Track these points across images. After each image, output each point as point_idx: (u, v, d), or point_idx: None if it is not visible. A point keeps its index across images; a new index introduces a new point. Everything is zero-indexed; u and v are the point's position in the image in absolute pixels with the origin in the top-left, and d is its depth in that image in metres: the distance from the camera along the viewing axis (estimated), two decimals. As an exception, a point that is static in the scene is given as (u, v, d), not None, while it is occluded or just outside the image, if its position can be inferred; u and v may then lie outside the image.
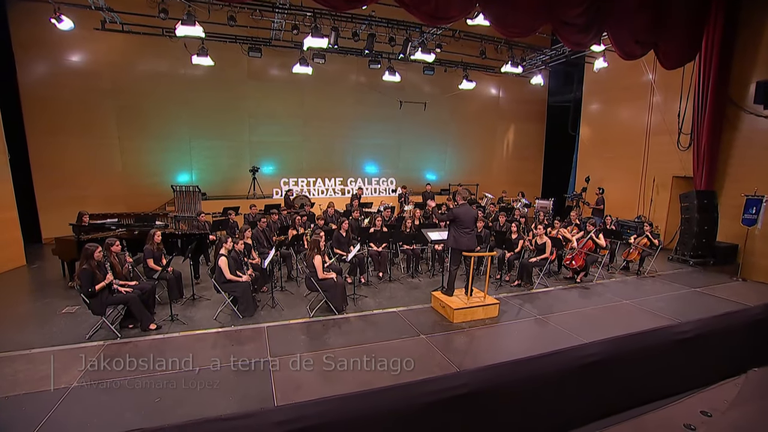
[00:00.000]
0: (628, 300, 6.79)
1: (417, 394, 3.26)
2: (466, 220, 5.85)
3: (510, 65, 11.11)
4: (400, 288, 7.20)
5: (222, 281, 5.53)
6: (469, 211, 5.96)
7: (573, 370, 4.00)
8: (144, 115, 11.82)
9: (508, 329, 5.60)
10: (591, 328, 5.65)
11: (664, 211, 11.15)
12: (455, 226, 5.91)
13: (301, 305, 6.18)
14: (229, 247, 5.63)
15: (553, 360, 4.04)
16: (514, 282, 7.48)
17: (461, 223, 5.86)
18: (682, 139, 10.34)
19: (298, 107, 13.68)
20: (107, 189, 11.44)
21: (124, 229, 7.64)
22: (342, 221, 7.51)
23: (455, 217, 5.86)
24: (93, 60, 10.93)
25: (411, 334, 5.25)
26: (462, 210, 5.91)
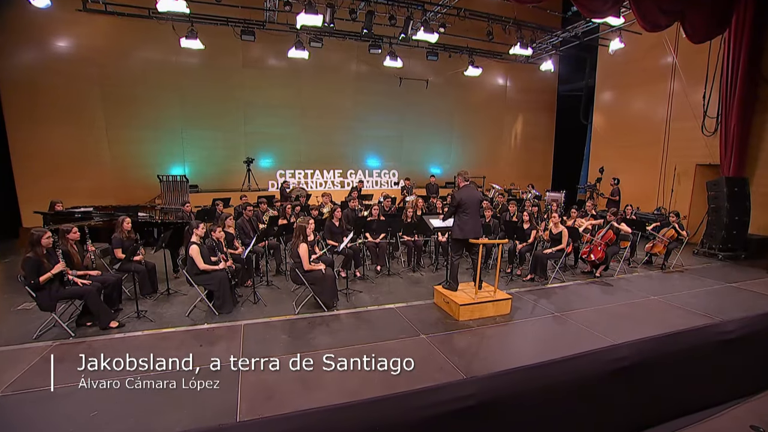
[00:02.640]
0: (656, 296, 6.02)
1: (415, 407, 2.54)
2: (471, 203, 5.13)
3: (519, 47, 10.36)
4: (399, 283, 6.50)
5: (194, 272, 4.86)
6: (473, 192, 5.22)
7: (600, 376, 3.25)
8: (133, 104, 11.24)
9: (522, 328, 4.87)
10: (618, 327, 4.91)
11: (686, 202, 10.34)
12: (459, 212, 5.19)
13: (287, 301, 5.49)
14: (201, 233, 4.95)
15: (576, 364, 3.30)
16: (527, 276, 6.74)
17: (465, 207, 5.13)
18: (708, 123, 9.53)
19: (295, 97, 13.04)
20: (95, 181, 10.88)
21: (100, 219, 7.02)
22: (335, 209, 6.83)
23: (459, 202, 5.13)
24: (77, 44, 10.38)
25: (410, 333, 4.55)
26: (464, 193, 5.16)
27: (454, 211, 5.20)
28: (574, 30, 10.86)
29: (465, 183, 5.24)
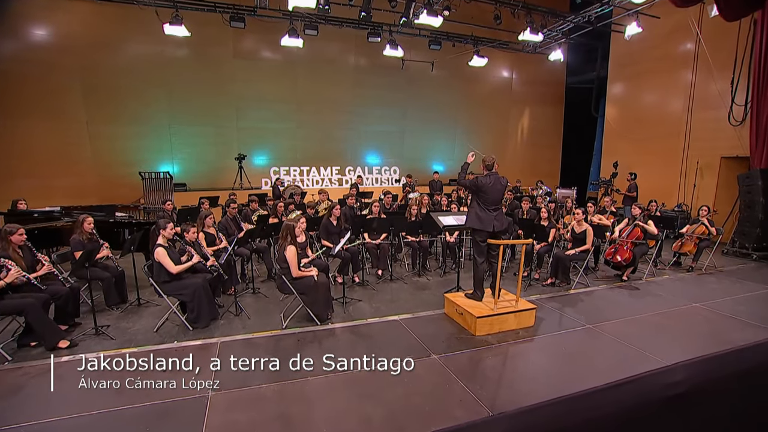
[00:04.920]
0: (697, 303, 5.27)
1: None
2: (493, 193, 4.40)
3: (529, 32, 9.62)
4: (403, 289, 5.76)
5: (163, 279, 4.12)
6: (498, 181, 4.49)
7: (653, 405, 2.55)
8: (116, 98, 10.52)
9: (550, 344, 4.12)
10: (662, 341, 4.17)
11: (710, 197, 9.56)
12: (477, 200, 4.45)
13: (274, 312, 4.76)
14: (169, 235, 4.20)
15: (622, 393, 2.61)
16: (547, 280, 6.00)
17: (486, 196, 4.39)
18: (735, 111, 8.78)
19: (290, 90, 12.32)
20: (75, 179, 10.17)
21: (70, 220, 6.28)
22: (333, 206, 6.10)
23: (479, 187, 4.41)
24: (55, 33, 9.67)
25: (418, 352, 3.80)
26: (487, 180, 4.43)
27: (470, 188, 4.49)
28: (587, 15, 10.11)
29: (489, 171, 4.49)
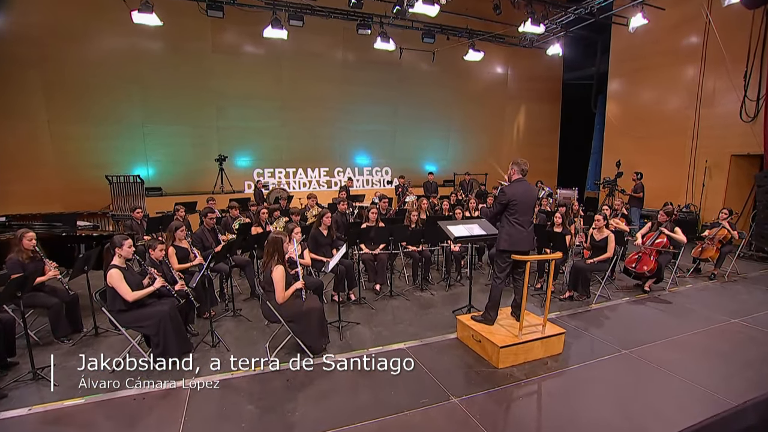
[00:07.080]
0: (735, 318, 4.71)
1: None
2: (524, 204, 3.71)
3: (530, 23, 9.05)
4: (405, 307, 5.07)
5: (118, 308, 3.35)
6: (530, 190, 3.80)
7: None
8: (82, 94, 9.60)
9: (589, 379, 3.47)
10: (713, 369, 3.58)
11: (720, 198, 9.15)
12: (509, 216, 3.74)
13: (258, 340, 4.03)
14: (127, 254, 3.43)
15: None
16: (564, 294, 5.39)
17: (518, 210, 3.69)
18: (748, 106, 8.35)
19: (274, 86, 11.54)
20: (36, 184, 9.24)
21: (11, 234, 5.40)
22: (324, 214, 5.38)
23: (509, 200, 3.70)
24: (11, 20, 8.71)
25: (434, 394, 3.11)
26: (518, 188, 3.73)
27: (501, 211, 3.78)
28: (589, 6, 9.58)
29: (519, 177, 3.81)
